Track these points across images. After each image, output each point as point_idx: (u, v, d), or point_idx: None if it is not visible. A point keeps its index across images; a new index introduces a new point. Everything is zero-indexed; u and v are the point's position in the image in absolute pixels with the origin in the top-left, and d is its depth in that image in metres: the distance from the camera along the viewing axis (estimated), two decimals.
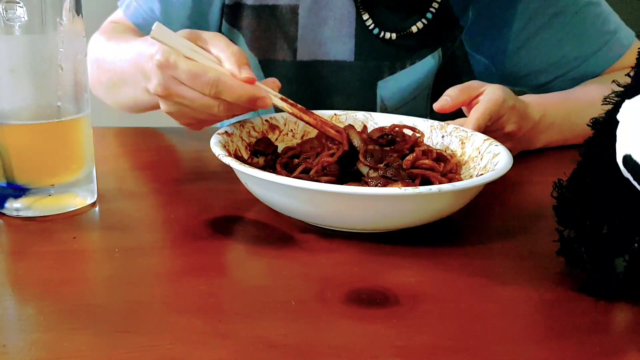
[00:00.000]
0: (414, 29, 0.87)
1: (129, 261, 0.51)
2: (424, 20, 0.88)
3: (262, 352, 0.40)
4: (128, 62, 0.78)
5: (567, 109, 0.84)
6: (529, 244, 0.56)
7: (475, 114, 0.71)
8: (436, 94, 0.89)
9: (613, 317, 0.46)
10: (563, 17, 0.89)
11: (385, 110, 0.91)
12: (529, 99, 0.81)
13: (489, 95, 0.73)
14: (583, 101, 0.84)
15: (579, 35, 0.89)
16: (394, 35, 0.87)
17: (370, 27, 0.87)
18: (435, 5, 0.87)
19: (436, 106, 0.73)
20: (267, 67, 0.90)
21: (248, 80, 0.62)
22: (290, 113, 0.66)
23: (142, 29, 0.91)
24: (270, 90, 0.65)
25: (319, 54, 0.89)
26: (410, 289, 0.48)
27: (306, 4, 0.87)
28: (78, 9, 0.57)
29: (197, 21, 0.89)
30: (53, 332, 0.42)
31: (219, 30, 0.91)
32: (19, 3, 0.53)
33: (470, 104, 0.75)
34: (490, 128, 0.74)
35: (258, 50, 0.90)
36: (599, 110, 0.49)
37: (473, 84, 0.76)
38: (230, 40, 0.67)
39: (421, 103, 0.93)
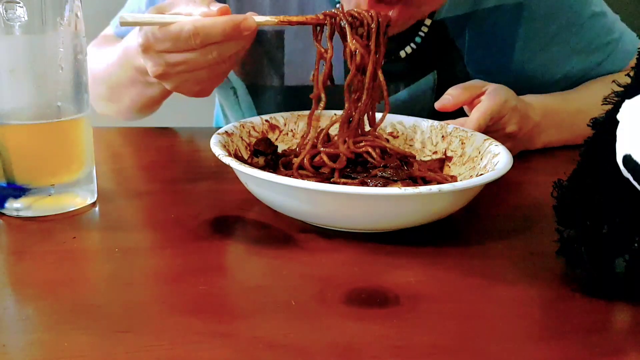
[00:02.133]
0: (402, 53, 0.84)
1: (129, 261, 0.51)
2: (412, 44, 0.84)
3: (262, 352, 0.40)
4: (118, 63, 0.79)
5: (567, 110, 0.84)
6: (529, 244, 0.56)
7: (477, 114, 0.71)
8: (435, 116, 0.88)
9: (613, 317, 0.46)
10: (568, 32, 0.87)
11: None
12: (530, 99, 0.81)
13: (491, 95, 0.73)
14: (583, 102, 0.84)
15: (585, 48, 0.88)
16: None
17: None
18: (425, 29, 0.84)
19: (437, 105, 0.73)
20: (256, 92, 0.89)
21: (221, 10, 0.61)
22: (277, 23, 0.63)
23: None
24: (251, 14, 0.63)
25: (307, 79, 0.87)
26: (410, 289, 0.48)
27: (292, 30, 0.84)
28: (78, 8, 0.57)
29: None
30: (53, 332, 0.42)
31: None
32: (19, 3, 0.53)
33: (472, 102, 0.75)
34: (491, 128, 0.74)
35: (246, 76, 0.88)
36: (599, 111, 0.49)
37: (475, 83, 0.76)
38: None
39: None
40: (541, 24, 0.86)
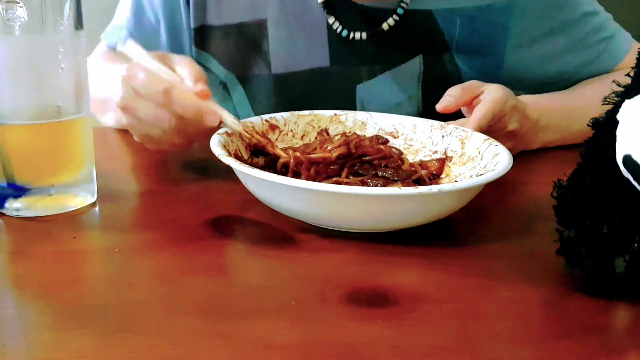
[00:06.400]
0: (385, 26, 0.84)
1: (129, 261, 0.51)
2: (395, 16, 0.84)
3: (262, 352, 0.40)
4: (110, 87, 0.79)
5: (564, 109, 0.84)
6: (529, 244, 0.56)
7: (477, 115, 0.71)
8: (427, 108, 0.88)
9: (613, 317, 0.46)
10: (559, 32, 0.87)
11: None
12: (527, 99, 0.81)
13: (491, 95, 0.73)
14: (580, 101, 0.84)
15: (577, 45, 0.89)
16: (364, 35, 0.84)
17: (338, 30, 0.84)
18: (408, 0, 0.84)
19: (439, 107, 0.73)
20: (245, 82, 0.90)
21: (201, 93, 0.63)
22: (248, 136, 0.65)
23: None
24: (224, 112, 0.64)
25: (294, 65, 0.87)
26: (410, 289, 0.48)
27: (274, 18, 0.85)
28: (78, 8, 0.57)
29: (176, 49, 0.88)
30: (53, 332, 0.42)
31: (190, 55, 0.91)
32: (19, 3, 0.53)
33: (471, 103, 0.75)
34: (492, 127, 0.74)
35: (233, 68, 0.90)
36: (597, 110, 0.49)
37: (474, 83, 0.76)
38: (200, 62, 0.66)
39: (408, 112, 0.90)
40: (532, 24, 0.87)
